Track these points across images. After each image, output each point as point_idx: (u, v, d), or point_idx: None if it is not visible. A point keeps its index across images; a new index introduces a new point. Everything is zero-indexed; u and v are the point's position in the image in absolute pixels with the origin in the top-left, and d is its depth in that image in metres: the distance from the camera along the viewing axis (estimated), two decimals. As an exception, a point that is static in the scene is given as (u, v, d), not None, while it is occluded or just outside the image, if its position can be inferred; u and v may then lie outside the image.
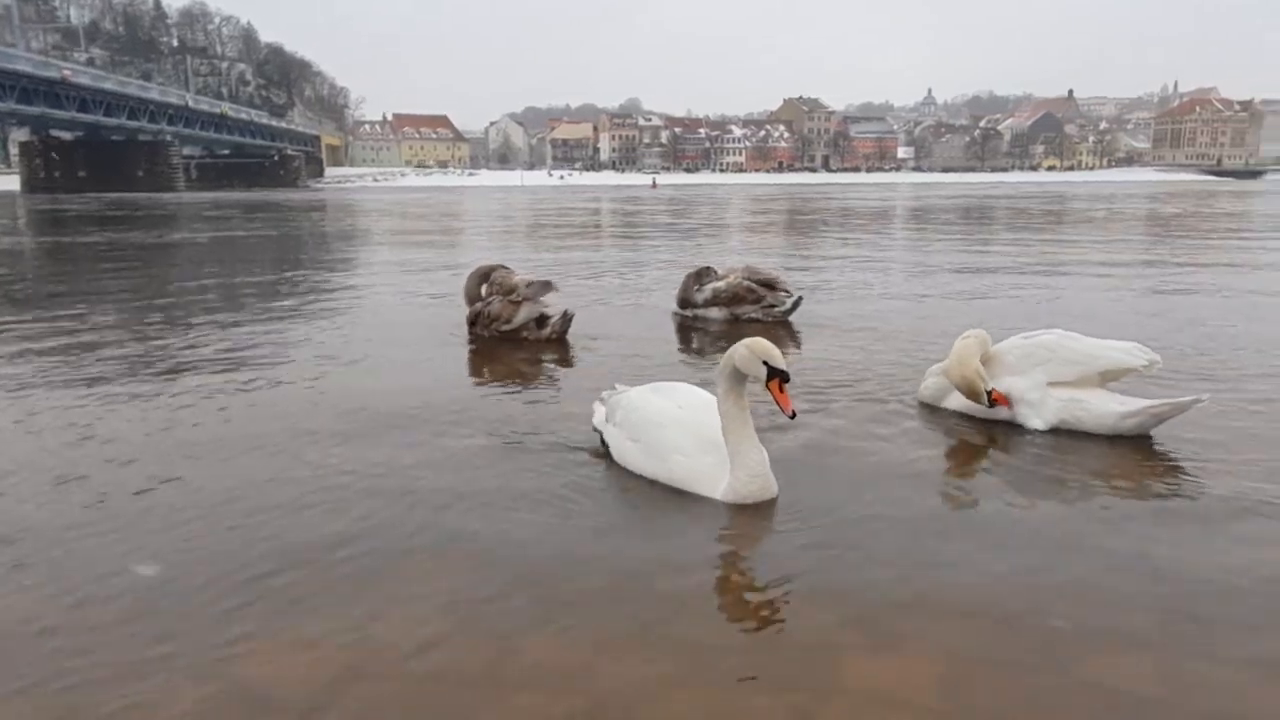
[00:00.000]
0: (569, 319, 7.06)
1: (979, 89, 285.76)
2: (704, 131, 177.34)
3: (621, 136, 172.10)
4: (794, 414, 3.52)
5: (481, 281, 7.43)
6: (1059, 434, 4.44)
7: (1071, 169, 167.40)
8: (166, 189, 79.84)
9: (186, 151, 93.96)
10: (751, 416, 3.59)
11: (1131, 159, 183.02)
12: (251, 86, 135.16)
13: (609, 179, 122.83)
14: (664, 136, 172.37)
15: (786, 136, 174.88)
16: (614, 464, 3.97)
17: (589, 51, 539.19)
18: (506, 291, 7.13)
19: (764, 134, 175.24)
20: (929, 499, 3.64)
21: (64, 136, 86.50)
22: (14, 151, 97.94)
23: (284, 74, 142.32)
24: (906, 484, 3.79)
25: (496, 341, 7.03)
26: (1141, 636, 2.56)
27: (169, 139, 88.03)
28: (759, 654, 2.48)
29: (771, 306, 7.90)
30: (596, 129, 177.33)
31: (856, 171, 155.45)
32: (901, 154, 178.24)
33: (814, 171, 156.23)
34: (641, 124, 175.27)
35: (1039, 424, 4.50)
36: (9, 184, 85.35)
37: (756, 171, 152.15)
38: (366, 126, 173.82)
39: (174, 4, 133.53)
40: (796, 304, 7.92)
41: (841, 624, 2.63)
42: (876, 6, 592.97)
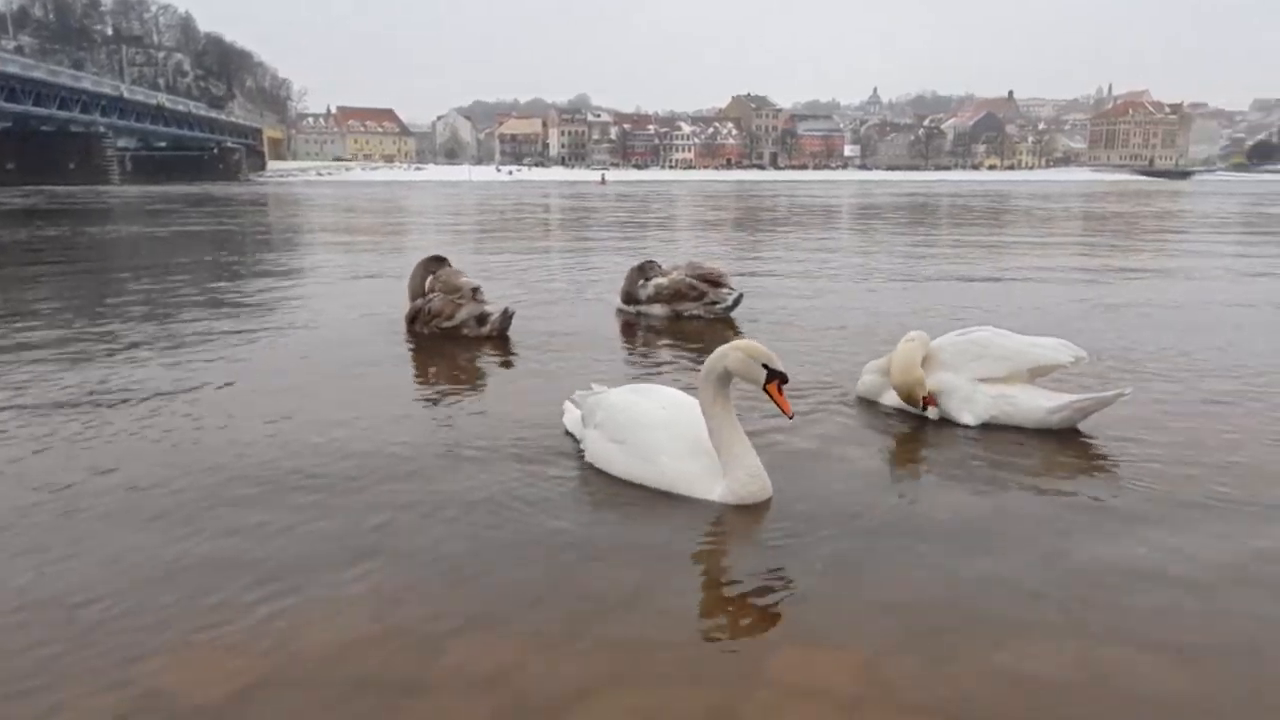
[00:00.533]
0: (509, 317, 7.01)
1: (923, 88, 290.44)
2: (653, 128, 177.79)
3: (570, 133, 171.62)
4: (792, 415, 3.55)
5: (427, 274, 7.33)
6: (990, 429, 4.54)
7: (1012, 168, 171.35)
8: (101, 182, 77.17)
9: (121, 144, 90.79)
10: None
11: (1069, 159, 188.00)
12: (190, 77, 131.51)
13: (558, 175, 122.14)
14: (613, 133, 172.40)
15: (735, 134, 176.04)
16: (586, 466, 3.91)
17: (538, 47, 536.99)
18: (450, 290, 7.06)
19: (713, 131, 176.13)
20: (864, 495, 3.68)
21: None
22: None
23: (223, 65, 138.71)
24: (841, 480, 3.85)
25: (438, 339, 6.94)
26: (1060, 625, 2.63)
27: (102, 130, 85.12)
28: (689, 650, 2.50)
29: (714, 303, 7.92)
30: (545, 125, 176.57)
31: (804, 169, 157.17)
32: (848, 152, 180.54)
33: (762, 169, 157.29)
34: (590, 120, 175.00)
35: (970, 419, 4.59)
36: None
37: (705, 168, 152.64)
38: (310, 120, 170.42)
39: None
40: (737, 301, 7.96)
41: (769, 620, 2.69)
42: (824, 6, 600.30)
